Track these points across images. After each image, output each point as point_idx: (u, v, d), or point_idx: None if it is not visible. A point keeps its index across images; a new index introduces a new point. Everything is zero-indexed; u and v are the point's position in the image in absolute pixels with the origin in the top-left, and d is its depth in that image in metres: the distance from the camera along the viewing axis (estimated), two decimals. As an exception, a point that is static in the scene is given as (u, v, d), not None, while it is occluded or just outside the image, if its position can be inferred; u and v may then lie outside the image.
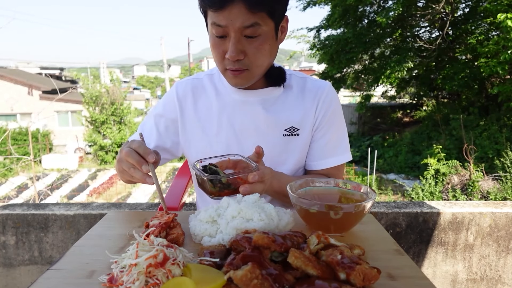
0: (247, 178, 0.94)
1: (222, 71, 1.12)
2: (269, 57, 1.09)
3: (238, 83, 1.11)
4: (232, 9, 0.96)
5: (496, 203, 1.86)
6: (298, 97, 1.23)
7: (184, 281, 0.61)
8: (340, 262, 0.62)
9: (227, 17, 0.97)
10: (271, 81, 1.20)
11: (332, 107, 1.24)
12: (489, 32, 10.35)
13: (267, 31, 1.02)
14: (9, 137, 6.31)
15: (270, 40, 1.05)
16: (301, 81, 1.26)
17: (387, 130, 15.50)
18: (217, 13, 0.98)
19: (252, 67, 1.07)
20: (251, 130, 1.19)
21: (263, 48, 1.04)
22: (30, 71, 31.52)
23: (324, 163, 1.25)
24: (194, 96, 1.24)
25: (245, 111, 1.20)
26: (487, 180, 7.63)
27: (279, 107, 1.21)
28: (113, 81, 19.27)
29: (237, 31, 0.99)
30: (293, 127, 1.20)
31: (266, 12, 0.99)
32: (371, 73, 12.89)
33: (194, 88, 1.26)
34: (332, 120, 1.24)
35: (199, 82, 1.27)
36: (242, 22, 0.97)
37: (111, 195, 12.16)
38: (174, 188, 1.61)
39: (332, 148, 1.25)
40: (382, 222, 1.76)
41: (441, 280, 1.82)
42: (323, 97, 1.22)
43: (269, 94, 1.21)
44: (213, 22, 1.00)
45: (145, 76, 69.64)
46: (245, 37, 1.01)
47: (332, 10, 12.77)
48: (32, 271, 1.85)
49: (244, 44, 1.02)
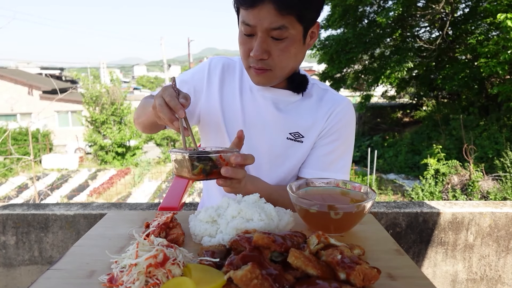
0: (229, 159, 0.92)
1: (246, 68, 1.13)
2: (294, 61, 1.10)
3: (260, 81, 1.12)
4: (262, 9, 0.97)
5: (496, 203, 1.86)
6: (313, 106, 1.22)
7: (184, 281, 0.61)
8: (340, 262, 0.62)
9: (256, 16, 0.98)
10: (292, 87, 1.20)
11: (343, 122, 1.21)
12: (489, 32, 10.35)
13: (294, 35, 1.02)
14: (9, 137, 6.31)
15: (296, 44, 1.05)
16: (322, 92, 1.25)
17: (387, 130, 15.51)
18: (247, 11, 0.99)
19: (276, 68, 1.08)
20: (258, 125, 1.20)
21: (288, 50, 1.05)
22: (30, 71, 31.52)
23: (314, 173, 1.21)
24: (223, 74, 1.26)
25: (258, 105, 1.21)
26: (487, 180, 7.63)
27: (291, 110, 1.20)
28: (113, 81, 19.26)
29: (264, 31, 1.00)
30: (299, 133, 1.20)
31: (295, 16, 0.99)
32: (371, 73, 12.90)
33: (226, 66, 1.28)
34: (340, 134, 1.21)
35: (231, 62, 1.29)
36: (270, 23, 0.98)
37: (111, 195, 12.16)
38: (174, 188, 1.61)
39: (330, 162, 1.21)
40: (382, 222, 1.76)
41: (441, 280, 1.82)
42: (337, 110, 1.20)
43: (285, 97, 1.21)
44: (243, 20, 1.02)
45: (145, 76, 69.68)
46: (272, 38, 1.02)
47: (332, 10, 12.78)
48: (32, 271, 1.85)
49: (269, 45, 1.03)
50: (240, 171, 0.93)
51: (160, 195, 11.84)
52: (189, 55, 32.23)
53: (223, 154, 0.92)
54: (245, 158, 0.93)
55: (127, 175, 14.43)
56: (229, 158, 0.92)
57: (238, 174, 0.92)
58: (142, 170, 14.50)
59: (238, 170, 0.93)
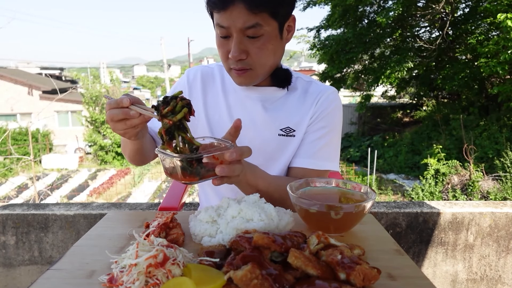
0: (223, 157, 0.84)
1: (227, 70, 1.14)
2: (273, 57, 1.10)
3: (243, 82, 1.13)
4: (234, 10, 0.97)
5: (496, 203, 1.86)
6: (299, 99, 1.22)
7: (184, 281, 0.61)
8: (340, 262, 0.62)
9: (229, 17, 0.99)
10: (276, 83, 1.21)
11: (329, 110, 1.21)
12: (489, 32, 10.34)
13: (269, 31, 1.03)
14: (9, 137, 6.31)
15: (273, 40, 1.05)
16: (306, 85, 1.25)
17: (387, 130, 15.50)
18: (220, 14, 1.00)
19: (256, 66, 1.08)
20: (248, 125, 1.20)
21: (265, 48, 1.05)
22: (30, 71, 31.51)
23: (303, 162, 1.19)
24: (203, 82, 1.27)
25: (245, 106, 1.22)
26: (487, 180, 7.63)
27: (278, 107, 1.21)
28: (113, 81, 19.27)
29: (239, 31, 1.01)
30: (290, 127, 1.20)
31: (268, 12, 0.99)
32: (371, 73, 12.89)
33: (204, 75, 1.29)
34: (326, 122, 1.21)
35: (209, 70, 1.30)
36: (243, 23, 0.99)
37: (111, 195, 12.16)
38: (174, 188, 1.61)
39: (317, 150, 1.19)
40: (382, 222, 1.76)
41: (441, 280, 1.82)
42: (322, 98, 1.21)
43: (271, 94, 1.22)
44: (217, 23, 1.03)
45: (145, 76, 69.65)
46: (248, 37, 1.02)
47: (332, 10, 12.77)
48: (32, 271, 1.85)
49: (246, 44, 1.03)
50: (236, 167, 0.86)
51: (160, 195, 11.84)
52: (189, 55, 32.24)
53: (216, 153, 0.85)
54: (241, 153, 0.86)
55: (127, 175, 14.43)
56: (224, 156, 0.84)
57: (235, 170, 0.86)
58: (142, 170, 14.50)
59: (234, 167, 0.86)
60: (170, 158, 0.82)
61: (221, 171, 0.84)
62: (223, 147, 0.86)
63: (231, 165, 0.85)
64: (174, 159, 0.81)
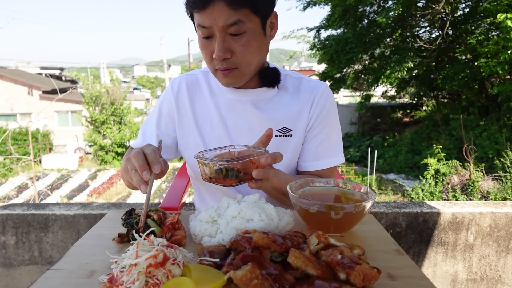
0: (258, 162, 0.90)
1: (213, 72, 1.11)
2: (259, 54, 1.08)
3: (230, 82, 1.10)
4: (214, 8, 0.96)
5: (496, 203, 1.86)
6: (292, 97, 1.21)
7: (184, 281, 0.61)
8: (340, 262, 0.62)
9: (210, 16, 0.97)
10: (265, 82, 1.19)
11: (327, 108, 1.22)
12: (489, 32, 10.34)
13: (253, 28, 1.01)
14: (9, 137, 6.31)
15: (257, 37, 1.04)
16: (297, 82, 1.24)
17: (387, 130, 15.50)
18: (200, 13, 0.99)
19: (241, 65, 1.06)
20: (243, 130, 1.19)
21: (250, 45, 1.03)
22: (30, 71, 31.51)
23: (316, 164, 1.22)
24: (189, 92, 1.24)
25: (238, 110, 1.19)
26: (487, 180, 7.62)
27: (272, 107, 1.19)
28: (113, 81, 19.26)
29: (221, 29, 0.99)
30: (286, 127, 1.19)
31: (249, 8, 0.98)
32: (371, 73, 12.90)
33: (189, 83, 1.25)
34: (327, 120, 1.22)
35: (193, 78, 1.27)
36: (225, 20, 0.97)
37: (111, 195, 12.16)
38: (174, 188, 1.61)
39: (325, 149, 1.23)
40: (382, 222, 1.76)
41: (441, 280, 1.82)
42: (317, 97, 1.20)
43: (262, 95, 1.19)
44: (198, 23, 1.01)
45: (145, 76, 69.63)
46: (231, 35, 1.01)
47: (332, 10, 12.77)
48: (32, 271, 1.85)
49: (230, 43, 1.02)
50: (270, 171, 0.91)
51: (160, 195, 11.84)
52: (189, 55, 32.26)
53: (254, 158, 0.91)
54: (275, 158, 0.90)
55: (127, 175, 14.42)
56: (259, 160, 0.90)
57: (270, 174, 0.90)
58: (142, 170, 14.47)
59: (269, 170, 0.91)
60: (211, 163, 0.90)
61: (258, 174, 0.88)
62: (259, 152, 0.92)
63: (266, 169, 0.90)
64: (216, 163, 0.89)
